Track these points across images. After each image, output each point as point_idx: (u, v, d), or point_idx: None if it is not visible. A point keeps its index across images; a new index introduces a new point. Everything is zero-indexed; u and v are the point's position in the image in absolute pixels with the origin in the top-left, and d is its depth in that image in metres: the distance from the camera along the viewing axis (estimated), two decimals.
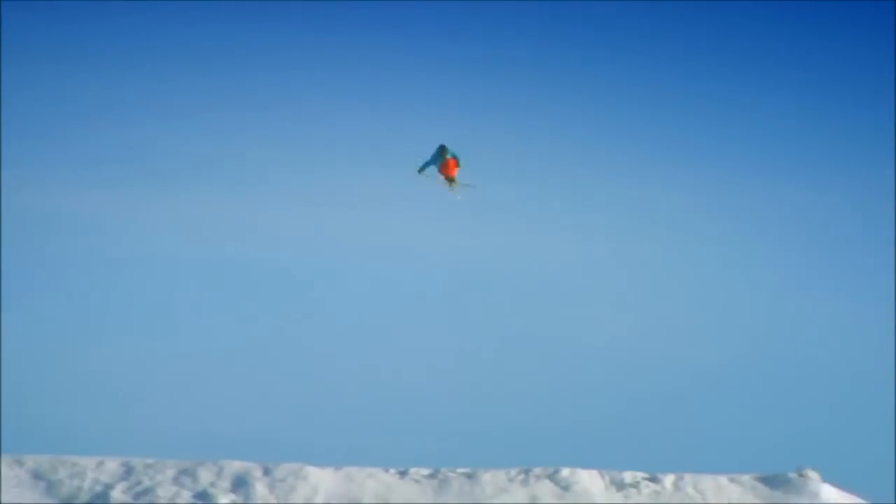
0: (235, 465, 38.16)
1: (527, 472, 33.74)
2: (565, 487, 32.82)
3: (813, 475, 33.31)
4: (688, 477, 33.32)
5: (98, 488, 36.55)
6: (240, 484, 37.35)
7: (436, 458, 38.03)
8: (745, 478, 33.67)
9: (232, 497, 36.89)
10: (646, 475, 33.68)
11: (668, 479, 33.19)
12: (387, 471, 36.02)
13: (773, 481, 33.55)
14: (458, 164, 32.87)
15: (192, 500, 36.93)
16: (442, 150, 32.90)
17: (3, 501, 35.60)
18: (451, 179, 32.96)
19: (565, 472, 33.46)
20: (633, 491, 32.60)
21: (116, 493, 36.12)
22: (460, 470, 34.54)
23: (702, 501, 31.76)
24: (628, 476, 33.51)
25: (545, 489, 32.88)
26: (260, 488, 36.88)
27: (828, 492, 32.89)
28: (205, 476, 37.81)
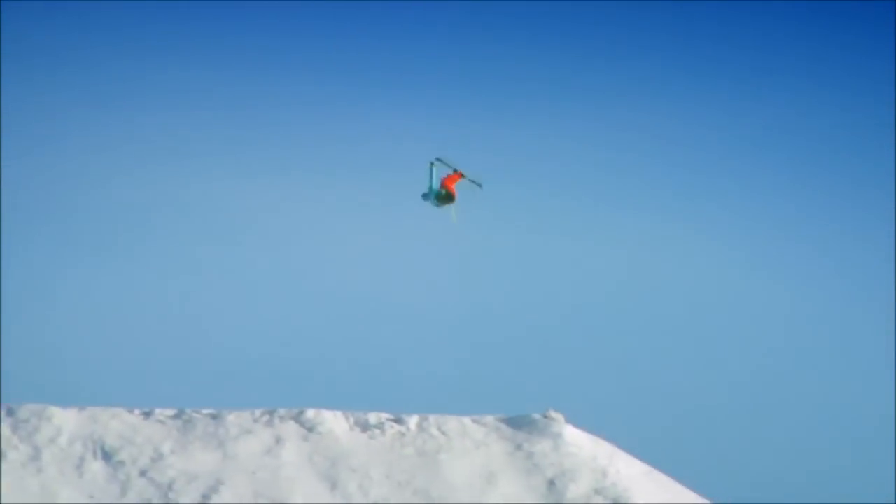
0: None
1: (271, 413, 33.30)
2: (310, 428, 32.46)
3: (557, 416, 33.56)
4: (432, 418, 33.26)
5: None
6: None
7: (181, 399, 37.46)
8: (489, 419, 33.75)
9: None
10: (390, 416, 33.51)
11: (413, 421, 33.08)
12: (131, 411, 35.22)
13: (517, 423, 33.70)
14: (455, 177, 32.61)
15: None
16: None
17: None
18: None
19: (310, 413, 33.11)
20: (377, 432, 32.39)
21: None
22: (205, 411, 33.95)
23: (446, 442, 31.66)
24: (373, 417, 33.30)
25: (290, 430, 32.48)
26: (2, 429, 35.64)
27: (571, 433, 33.18)
28: None
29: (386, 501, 30.04)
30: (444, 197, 32.18)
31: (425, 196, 32.44)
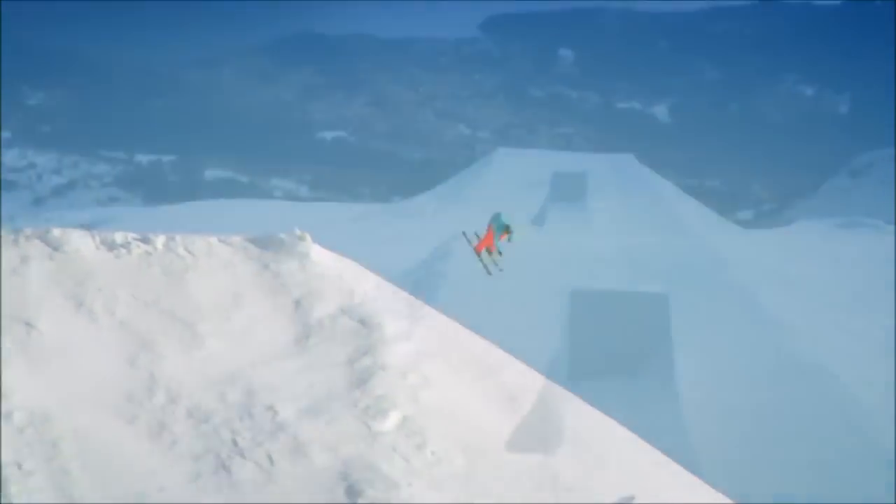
0: None
1: (17, 232, 33.16)
2: (56, 247, 32.49)
3: (304, 236, 34.27)
4: (179, 238, 33.60)
5: None
6: None
7: None
8: (236, 239, 34.24)
9: None
10: (137, 236, 33.74)
11: (160, 240, 33.39)
12: None
13: (264, 242, 34.27)
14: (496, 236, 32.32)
15: None
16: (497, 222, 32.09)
17: None
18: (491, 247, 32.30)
19: (56, 232, 33.09)
20: (123, 251, 32.61)
21: None
22: None
23: (193, 261, 32.12)
24: (119, 237, 33.47)
25: (36, 249, 32.44)
26: None
27: (318, 252, 33.97)
28: None
29: (132, 320, 30.46)
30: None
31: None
